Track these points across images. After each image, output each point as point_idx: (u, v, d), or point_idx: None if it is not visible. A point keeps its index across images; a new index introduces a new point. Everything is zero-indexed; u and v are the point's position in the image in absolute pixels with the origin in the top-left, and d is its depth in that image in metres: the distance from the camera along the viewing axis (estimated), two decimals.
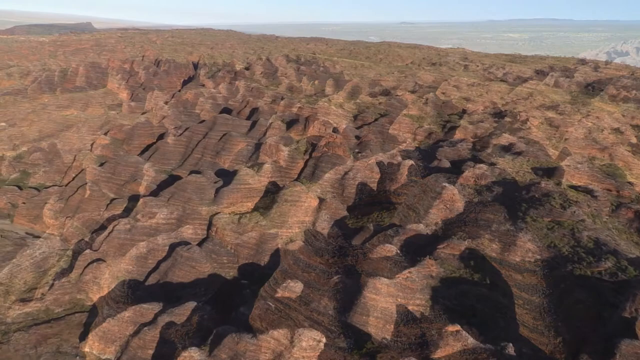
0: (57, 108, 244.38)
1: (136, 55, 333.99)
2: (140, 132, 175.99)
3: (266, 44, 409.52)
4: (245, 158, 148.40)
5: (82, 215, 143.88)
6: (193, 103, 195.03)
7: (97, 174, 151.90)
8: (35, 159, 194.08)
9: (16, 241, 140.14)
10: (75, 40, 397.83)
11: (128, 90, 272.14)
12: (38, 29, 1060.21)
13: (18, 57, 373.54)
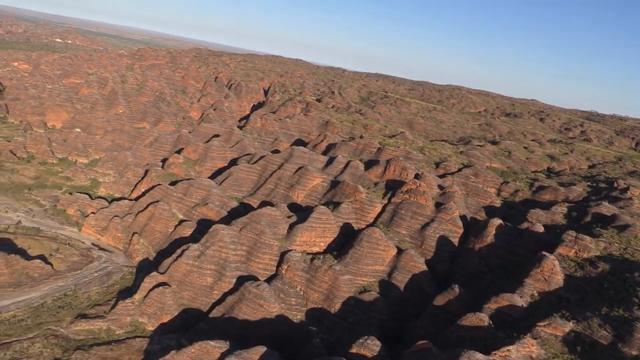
0: (130, 120, 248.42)
1: (209, 76, 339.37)
2: (213, 155, 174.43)
3: (335, 77, 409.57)
4: (320, 194, 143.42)
5: (149, 233, 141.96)
6: (268, 131, 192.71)
7: (169, 193, 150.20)
8: (107, 168, 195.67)
9: (82, 251, 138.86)
10: (152, 56, 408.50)
11: (199, 109, 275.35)
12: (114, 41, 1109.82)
13: (97, 67, 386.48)
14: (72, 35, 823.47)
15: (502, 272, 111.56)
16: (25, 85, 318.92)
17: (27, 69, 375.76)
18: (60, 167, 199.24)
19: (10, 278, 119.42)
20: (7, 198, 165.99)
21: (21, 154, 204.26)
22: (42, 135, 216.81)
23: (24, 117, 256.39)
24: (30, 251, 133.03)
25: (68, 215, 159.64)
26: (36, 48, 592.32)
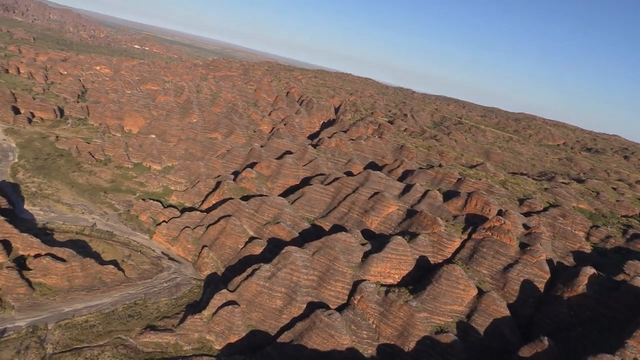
0: (203, 130, 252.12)
1: (281, 90, 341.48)
2: (287, 173, 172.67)
3: (406, 99, 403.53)
4: (395, 223, 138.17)
5: (219, 247, 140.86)
6: (342, 151, 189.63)
7: (241, 208, 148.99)
8: (179, 177, 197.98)
9: (153, 260, 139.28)
10: (226, 67, 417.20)
11: (270, 123, 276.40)
12: (187, 49, 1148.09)
13: (173, 75, 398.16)
14: (149, 43, 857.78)
15: (594, 326, 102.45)
16: (106, 89, 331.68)
17: (108, 73, 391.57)
18: (135, 172, 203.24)
19: (84, 281, 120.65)
20: (85, 199, 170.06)
21: (99, 157, 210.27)
22: (120, 140, 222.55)
23: (103, 120, 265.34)
24: (103, 255, 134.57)
25: (140, 221, 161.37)
26: (116, 53, 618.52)
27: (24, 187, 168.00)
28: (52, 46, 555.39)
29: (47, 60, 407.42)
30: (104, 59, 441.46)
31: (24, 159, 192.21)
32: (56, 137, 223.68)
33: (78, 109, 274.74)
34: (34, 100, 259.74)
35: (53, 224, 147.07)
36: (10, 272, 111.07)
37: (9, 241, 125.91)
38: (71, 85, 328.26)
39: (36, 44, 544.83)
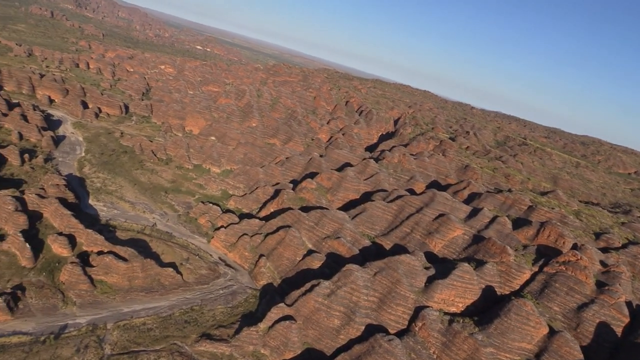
0: (262, 135, 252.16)
1: (340, 99, 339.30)
2: (347, 186, 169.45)
3: (466, 115, 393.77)
4: (460, 248, 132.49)
5: (276, 257, 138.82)
6: (404, 168, 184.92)
7: (301, 219, 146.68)
8: (238, 182, 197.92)
9: (210, 265, 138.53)
10: (286, 72, 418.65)
11: (328, 132, 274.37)
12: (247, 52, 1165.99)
13: (234, 78, 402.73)
14: (211, 44, 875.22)
15: None
16: (169, 88, 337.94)
17: (171, 73, 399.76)
18: (195, 174, 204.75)
19: (143, 282, 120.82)
20: (146, 198, 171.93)
21: (161, 156, 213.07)
22: (182, 140, 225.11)
23: (166, 119, 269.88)
24: (163, 257, 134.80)
25: (199, 224, 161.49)
26: (179, 53, 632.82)
27: (89, 181, 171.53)
28: (119, 43, 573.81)
29: (115, 57, 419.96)
30: (168, 58, 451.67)
31: (90, 154, 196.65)
32: (121, 134, 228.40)
33: (142, 106, 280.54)
34: (101, 96, 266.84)
35: (115, 220, 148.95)
36: (74, 267, 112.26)
37: (74, 236, 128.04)
38: (136, 82, 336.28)
39: (105, 41, 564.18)
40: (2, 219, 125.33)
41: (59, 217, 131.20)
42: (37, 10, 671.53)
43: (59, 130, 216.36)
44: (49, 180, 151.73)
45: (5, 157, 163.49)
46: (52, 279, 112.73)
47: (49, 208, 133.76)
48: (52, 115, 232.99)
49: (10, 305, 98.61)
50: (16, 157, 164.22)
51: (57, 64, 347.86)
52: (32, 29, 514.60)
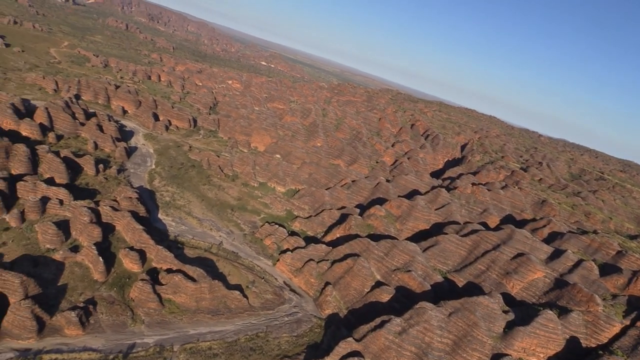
0: (327, 155, 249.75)
1: (406, 122, 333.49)
2: (417, 215, 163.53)
3: (536, 144, 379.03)
4: (540, 291, 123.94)
5: (343, 287, 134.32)
6: (477, 199, 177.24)
7: (370, 249, 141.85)
8: (303, 203, 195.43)
9: (276, 289, 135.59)
10: (350, 92, 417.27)
11: (393, 155, 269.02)
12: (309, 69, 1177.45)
13: (299, 95, 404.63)
14: (275, 60, 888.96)
15: None
16: (236, 103, 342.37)
17: (238, 88, 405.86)
18: (260, 192, 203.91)
19: (210, 304, 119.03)
20: (213, 215, 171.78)
21: (227, 172, 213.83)
22: (249, 157, 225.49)
23: (232, 135, 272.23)
24: (229, 278, 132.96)
25: (265, 245, 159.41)
26: (244, 68, 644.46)
27: (159, 195, 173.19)
28: (188, 56, 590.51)
29: (185, 71, 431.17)
30: (235, 73, 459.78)
31: (160, 166, 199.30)
32: (189, 147, 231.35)
33: (210, 120, 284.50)
34: (172, 109, 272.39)
35: (183, 237, 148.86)
36: (144, 285, 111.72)
37: (144, 251, 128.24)
38: (205, 96, 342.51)
39: (175, 54, 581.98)
40: (77, 229, 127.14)
41: (130, 231, 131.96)
42: (113, 23, 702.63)
43: (130, 141, 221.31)
44: (121, 192, 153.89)
45: (81, 166, 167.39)
46: (122, 295, 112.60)
47: (122, 221, 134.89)
48: (125, 125, 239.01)
49: (82, 320, 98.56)
50: (91, 167, 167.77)
51: (131, 75, 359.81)
52: (108, 40, 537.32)
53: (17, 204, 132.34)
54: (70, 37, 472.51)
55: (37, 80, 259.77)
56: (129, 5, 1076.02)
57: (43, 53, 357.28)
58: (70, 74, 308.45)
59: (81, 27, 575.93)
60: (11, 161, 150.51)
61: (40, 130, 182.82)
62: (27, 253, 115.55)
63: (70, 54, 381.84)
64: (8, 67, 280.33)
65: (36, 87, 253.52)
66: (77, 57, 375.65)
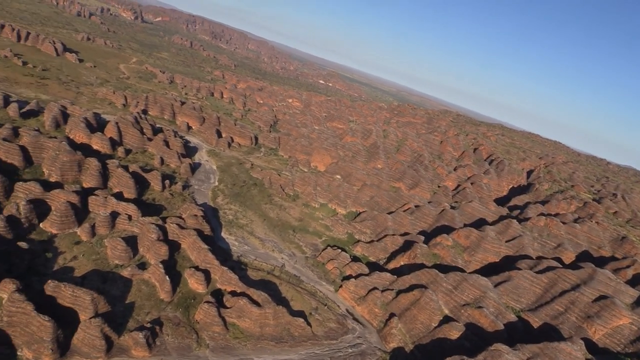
0: (388, 177, 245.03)
1: (468, 146, 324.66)
2: (487, 247, 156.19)
3: (607, 173, 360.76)
4: (626, 340, 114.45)
5: (409, 320, 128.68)
6: (551, 233, 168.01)
7: (437, 280, 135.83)
8: (364, 226, 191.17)
9: (339, 318, 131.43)
10: (410, 113, 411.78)
11: (455, 180, 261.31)
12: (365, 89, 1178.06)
13: (358, 115, 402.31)
14: (333, 79, 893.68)
15: None
16: (296, 122, 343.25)
17: (298, 107, 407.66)
18: (321, 213, 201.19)
19: (273, 331, 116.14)
20: (275, 236, 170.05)
21: (289, 191, 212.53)
22: (310, 177, 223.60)
23: (293, 154, 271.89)
24: (292, 303, 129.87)
25: (327, 270, 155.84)
26: (303, 86, 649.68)
27: (222, 213, 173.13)
28: (249, 74, 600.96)
29: (246, 88, 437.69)
30: (295, 92, 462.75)
31: (223, 184, 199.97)
32: (251, 165, 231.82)
33: (271, 139, 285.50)
34: (235, 126, 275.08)
35: (246, 257, 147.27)
36: (210, 308, 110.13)
37: (209, 271, 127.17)
38: (265, 114, 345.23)
39: (237, 71, 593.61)
40: (145, 246, 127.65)
41: (196, 250, 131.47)
42: (178, 40, 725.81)
43: (194, 157, 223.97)
44: (187, 209, 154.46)
45: (149, 181, 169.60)
46: (188, 316, 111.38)
47: (187, 240, 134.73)
48: (189, 141, 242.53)
49: (149, 342, 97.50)
50: (158, 183, 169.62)
51: (195, 91, 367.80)
52: (173, 57, 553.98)
53: (88, 218, 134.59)
54: (139, 53, 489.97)
55: (108, 94, 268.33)
56: (193, 23, 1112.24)
57: (113, 68, 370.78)
58: (138, 89, 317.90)
59: (149, 44, 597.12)
60: (83, 174, 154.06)
61: (110, 145, 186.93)
62: (96, 268, 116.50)
63: (138, 70, 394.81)
64: (81, 81, 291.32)
65: (106, 101, 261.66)
66: (145, 73, 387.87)
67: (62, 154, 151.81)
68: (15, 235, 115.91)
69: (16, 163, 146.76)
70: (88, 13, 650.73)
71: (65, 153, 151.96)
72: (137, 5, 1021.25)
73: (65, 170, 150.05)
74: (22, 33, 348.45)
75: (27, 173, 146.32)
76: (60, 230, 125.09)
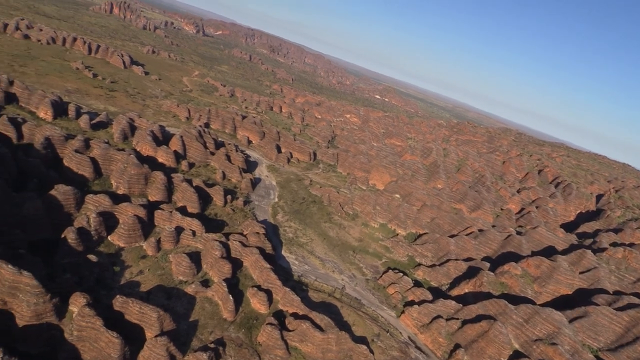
0: (449, 198, 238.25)
1: (532, 167, 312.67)
2: (559, 278, 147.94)
3: None
4: None
5: (476, 352, 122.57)
6: (629, 266, 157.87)
7: (507, 312, 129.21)
8: (426, 249, 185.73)
9: (401, 346, 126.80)
10: (470, 131, 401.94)
11: (519, 203, 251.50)
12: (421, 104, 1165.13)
13: (416, 132, 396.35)
14: (389, 94, 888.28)
15: None
16: (354, 138, 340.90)
17: (356, 123, 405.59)
18: (381, 234, 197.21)
19: (336, 357, 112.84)
20: (335, 256, 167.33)
21: (348, 210, 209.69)
22: (370, 196, 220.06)
23: (351, 171, 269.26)
24: (354, 329, 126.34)
25: (388, 294, 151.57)
26: (359, 101, 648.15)
27: (282, 230, 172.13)
28: (306, 88, 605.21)
29: (304, 103, 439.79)
30: (352, 107, 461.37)
31: (283, 200, 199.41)
32: (310, 182, 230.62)
33: (329, 155, 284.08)
34: (294, 141, 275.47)
35: (307, 278, 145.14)
36: (273, 330, 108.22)
37: (270, 291, 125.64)
38: (323, 130, 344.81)
39: (294, 85, 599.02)
40: (208, 263, 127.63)
41: (258, 269, 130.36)
42: (238, 54, 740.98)
43: (254, 171, 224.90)
44: (248, 226, 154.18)
45: (211, 196, 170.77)
46: (250, 338, 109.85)
47: (250, 258, 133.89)
48: (250, 156, 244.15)
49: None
50: (220, 198, 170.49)
51: (255, 105, 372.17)
52: (233, 70, 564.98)
53: (154, 232, 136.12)
54: (200, 66, 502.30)
55: (172, 107, 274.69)
56: (251, 37, 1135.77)
57: (177, 81, 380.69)
58: (200, 102, 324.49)
59: (209, 57, 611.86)
60: (149, 188, 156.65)
61: (174, 158, 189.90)
62: (161, 283, 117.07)
63: (200, 83, 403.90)
64: (147, 94, 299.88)
65: (171, 114, 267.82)
66: (207, 86, 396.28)
67: (130, 167, 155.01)
68: (85, 248, 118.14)
69: (86, 174, 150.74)
70: (153, 26, 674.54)
71: (133, 166, 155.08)
72: (199, 19, 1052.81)
73: (132, 183, 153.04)
74: (92, 46, 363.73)
75: (97, 185, 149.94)
76: (127, 243, 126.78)
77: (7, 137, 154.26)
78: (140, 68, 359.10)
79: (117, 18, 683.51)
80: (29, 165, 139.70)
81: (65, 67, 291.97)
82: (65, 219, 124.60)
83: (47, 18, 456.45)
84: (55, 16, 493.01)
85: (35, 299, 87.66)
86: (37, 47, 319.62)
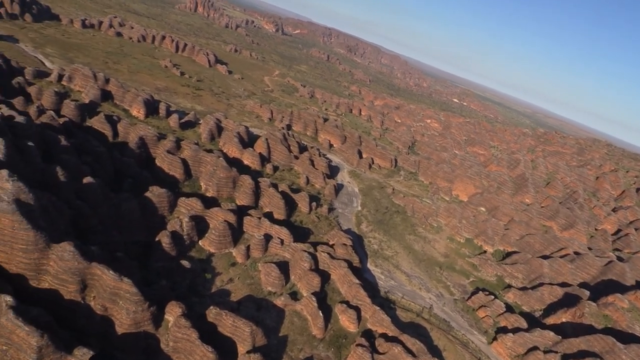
0: (538, 214, 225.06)
1: (629, 184, 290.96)
2: None
3: None
4: None
5: None
6: None
7: (615, 351, 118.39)
8: (516, 270, 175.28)
9: None
10: (559, 142, 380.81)
11: (615, 223, 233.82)
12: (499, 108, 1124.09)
13: (500, 141, 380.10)
14: (468, 98, 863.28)
15: None
16: (436, 145, 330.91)
17: (437, 128, 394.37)
18: (467, 250, 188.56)
19: None
20: (420, 271, 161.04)
21: (432, 222, 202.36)
22: (456, 209, 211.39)
23: (434, 180, 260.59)
24: (444, 354, 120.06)
25: (477, 317, 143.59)
26: (437, 105, 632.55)
27: (367, 241, 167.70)
28: (383, 89, 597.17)
29: (383, 106, 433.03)
30: (433, 112, 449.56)
31: (366, 209, 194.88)
32: (392, 190, 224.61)
33: (411, 162, 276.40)
34: (376, 147, 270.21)
35: (393, 294, 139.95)
36: (364, 353, 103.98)
37: (359, 308, 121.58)
38: (404, 135, 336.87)
39: (372, 87, 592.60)
40: (297, 275, 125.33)
41: (347, 284, 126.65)
42: (316, 53, 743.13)
43: (336, 177, 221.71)
44: (335, 236, 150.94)
45: (296, 202, 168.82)
46: (339, 357, 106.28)
47: (338, 271, 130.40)
48: (331, 160, 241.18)
49: None
50: (305, 204, 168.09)
51: (334, 107, 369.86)
52: (311, 70, 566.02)
53: (243, 239, 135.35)
54: (280, 65, 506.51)
55: (255, 108, 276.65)
56: (329, 36, 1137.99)
57: (258, 81, 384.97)
58: (282, 103, 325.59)
59: (289, 57, 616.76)
60: (237, 191, 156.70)
61: (259, 160, 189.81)
62: (250, 293, 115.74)
63: (280, 83, 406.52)
64: (230, 93, 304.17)
65: (254, 114, 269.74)
66: (287, 87, 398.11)
67: (220, 170, 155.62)
68: (177, 252, 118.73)
69: (177, 176, 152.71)
70: (235, 25, 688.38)
71: (223, 169, 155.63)
72: (278, 17, 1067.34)
73: (221, 186, 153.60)
74: (180, 44, 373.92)
75: (187, 186, 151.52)
76: (218, 249, 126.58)
77: (103, 135, 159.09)
78: (224, 67, 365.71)
79: (201, 16, 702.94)
80: (124, 165, 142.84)
81: (154, 65, 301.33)
82: (159, 222, 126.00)
83: (137, 16, 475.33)
84: (144, 14, 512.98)
85: (134, 306, 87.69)
86: (128, 45, 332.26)
